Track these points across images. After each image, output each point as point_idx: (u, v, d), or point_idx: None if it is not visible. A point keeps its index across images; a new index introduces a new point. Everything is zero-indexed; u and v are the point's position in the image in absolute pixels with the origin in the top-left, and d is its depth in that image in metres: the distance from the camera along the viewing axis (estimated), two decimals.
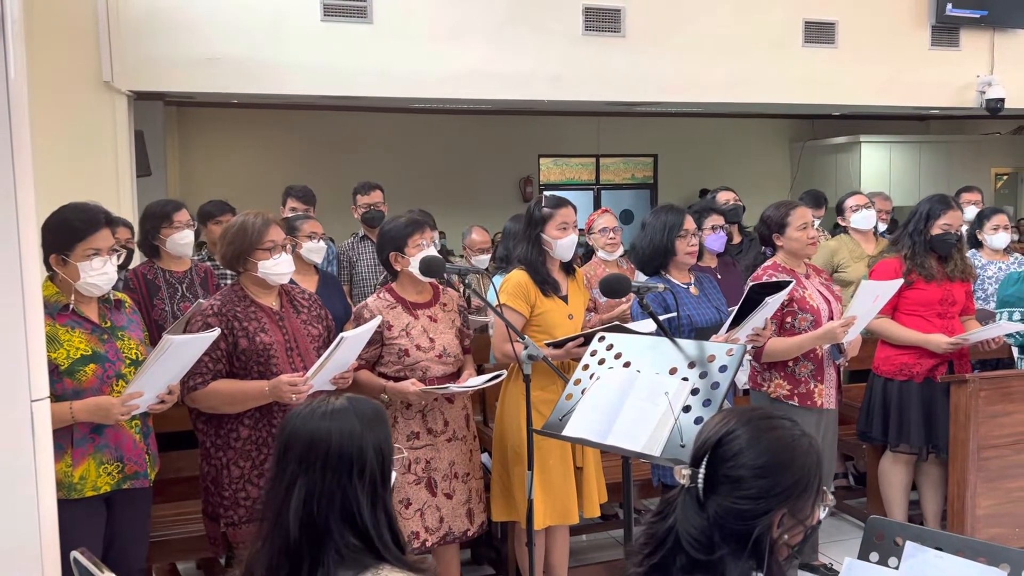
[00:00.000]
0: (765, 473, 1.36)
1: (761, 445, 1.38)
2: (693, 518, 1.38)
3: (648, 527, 1.45)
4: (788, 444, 1.39)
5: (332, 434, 1.57)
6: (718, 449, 1.40)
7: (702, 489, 1.39)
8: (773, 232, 3.53)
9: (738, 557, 1.36)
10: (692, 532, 1.37)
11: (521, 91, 6.91)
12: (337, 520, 1.54)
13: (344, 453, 1.56)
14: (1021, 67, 8.04)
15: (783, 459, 1.38)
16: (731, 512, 1.36)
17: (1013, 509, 3.76)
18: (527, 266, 3.17)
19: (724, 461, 1.39)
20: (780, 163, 14.60)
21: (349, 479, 1.55)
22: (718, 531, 1.36)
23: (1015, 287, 4.05)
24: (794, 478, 1.37)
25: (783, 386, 3.50)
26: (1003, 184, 14.87)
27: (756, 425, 1.40)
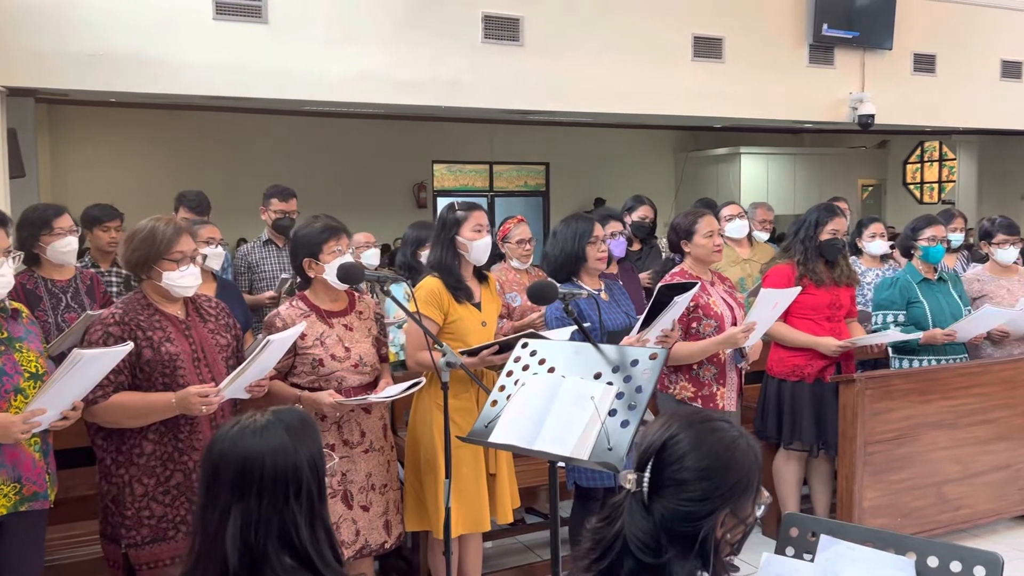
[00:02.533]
0: (709, 475, 1.40)
1: (704, 448, 1.42)
2: (640, 522, 1.40)
3: (594, 532, 1.47)
4: (729, 446, 1.43)
5: (265, 456, 1.51)
6: (662, 453, 1.43)
7: (647, 493, 1.42)
8: (681, 239, 3.64)
9: (685, 558, 1.39)
10: (639, 536, 1.39)
11: (419, 97, 6.87)
12: (275, 543, 1.49)
13: (279, 475, 1.51)
14: (888, 85, 8.60)
15: (725, 460, 1.42)
16: (677, 514, 1.39)
17: (896, 500, 4.01)
18: (441, 271, 3.15)
19: (668, 465, 1.42)
20: (665, 172, 15.10)
21: (286, 502, 1.50)
22: (665, 533, 1.39)
23: (888, 291, 4.33)
24: (736, 478, 1.42)
25: (688, 388, 3.62)
26: (868, 195, 15.85)
27: (698, 429, 1.44)
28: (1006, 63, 9.29)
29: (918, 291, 4.26)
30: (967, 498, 4.18)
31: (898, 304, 4.27)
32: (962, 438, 4.15)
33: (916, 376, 4.09)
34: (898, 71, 8.71)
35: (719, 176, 14.24)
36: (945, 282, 4.36)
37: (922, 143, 15.49)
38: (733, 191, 13.21)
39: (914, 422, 4.03)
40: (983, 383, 4.19)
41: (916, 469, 4.05)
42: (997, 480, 4.26)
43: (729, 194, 12.85)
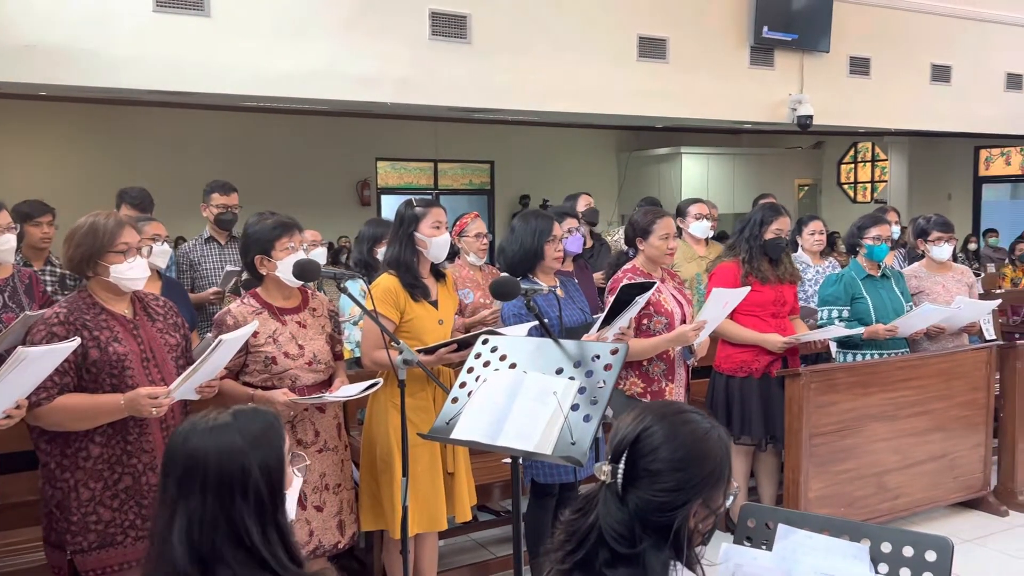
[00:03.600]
0: (682, 466, 1.42)
1: (677, 439, 1.43)
2: (615, 512, 1.42)
3: (568, 524, 1.47)
4: (702, 437, 1.46)
5: (210, 454, 1.49)
6: (636, 445, 1.44)
7: (622, 484, 1.43)
8: (637, 236, 3.68)
9: (659, 549, 1.40)
10: (615, 526, 1.41)
11: (366, 93, 6.80)
12: (226, 544, 1.47)
13: (224, 474, 1.48)
14: (825, 87, 8.83)
15: (698, 452, 1.44)
16: (651, 504, 1.41)
17: (840, 490, 4.12)
18: (398, 269, 3.12)
19: (643, 456, 1.43)
20: (608, 172, 15.26)
21: (232, 501, 1.48)
22: (639, 524, 1.41)
23: (834, 287, 4.44)
24: (708, 469, 1.44)
25: (637, 384, 3.66)
26: (804, 194, 16.26)
27: (671, 420, 1.46)
28: (936, 67, 9.63)
29: (862, 287, 4.38)
30: (906, 487, 4.32)
31: (843, 300, 4.38)
32: (901, 429, 4.28)
33: (858, 370, 4.20)
34: (835, 73, 8.96)
35: (661, 175, 14.45)
36: (888, 279, 4.49)
37: (855, 144, 15.95)
38: (674, 190, 13.42)
39: (856, 414, 4.15)
40: (921, 376, 4.33)
41: (858, 460, 4.16)
42: (934, 469, 4.41)
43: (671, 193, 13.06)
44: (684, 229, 5.30)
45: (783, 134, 14.13)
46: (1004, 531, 4.38)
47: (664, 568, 1.40)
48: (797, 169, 16.12)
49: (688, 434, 1.45)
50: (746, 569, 1.88)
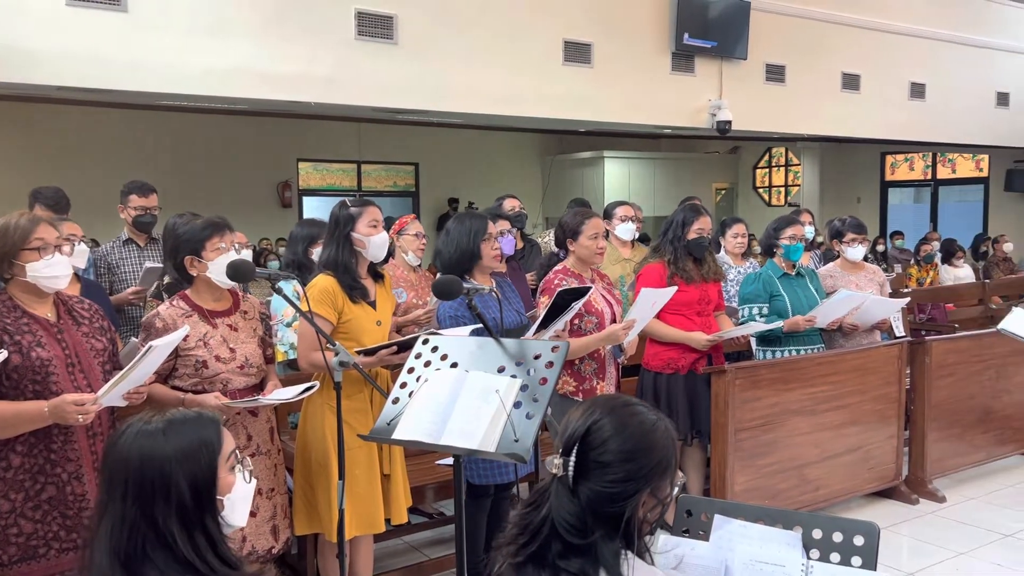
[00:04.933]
0: (631, 457, 1.46)
1: (626, 431, 1.48)
2: (567, 505, 1.45)
3: (521, 518, 1.50)
4: (650, 429, 1.50)
5: (132, 459, 1.49)
6: (587, 438, 1.48)
7: (573, 477, 1.46)
8: (567, 237, 3.73)
9: (610, 539, 1.44)
10: (567, 518, 1.44)
11: (289, 92, 6.69)
12: (154, 549, 1.47)
13: (146, 478, 1.48)
14: (743, 93, 9.10)
15: (646, 443, 1.48)
16: (602, 496, 1.44)
17: (764, 483, 4.26)
18: (336, 270, 3.09)
19: (593, 448, 1.47)
20: (532, 175, 15.37)
21: (153, 505, 1.47)
22: (591, 515, 1.44)
23: (753, 286, 4.60)
24: (656, 459, 1.48)
25: (569, 383, 3.71)
26: (722, 198, 16.72)
27: (620, 413, 1.50)
28: (846, 75, 10.03)
29: (779, 285, 4.54)
30: (825, 479, 4.50)
31: (762, 297, 4.53)
32: (820, 423, 4.45)
33: (780, 366, 4.35)
34: (752, 80, 9.24)
35: (584, 179, 14.64)
36: (803, 277, 4.67)
37: (770, 149, 16.49)
38: (597, 194, 13.61)
39: (778, 409, 4.29)
40: (838, 371, 4.51)
41: (781, 453, 4.31)
42: (850, 461, 4.60)
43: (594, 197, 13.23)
44: (610, 231, 5.39)
45: (701, 139, 14.49)
46: (915, 518, 4.60)
47: (616, 558, 1.44)
48: (715, 173, 16.56)
49: (636, 426, 1.49)
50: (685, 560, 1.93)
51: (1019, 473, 5.29)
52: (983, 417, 5.17)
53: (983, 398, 5.16)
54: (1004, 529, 4.40)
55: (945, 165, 15.04)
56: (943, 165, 15.06)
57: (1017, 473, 5.28)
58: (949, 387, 4.97)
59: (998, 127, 11.71)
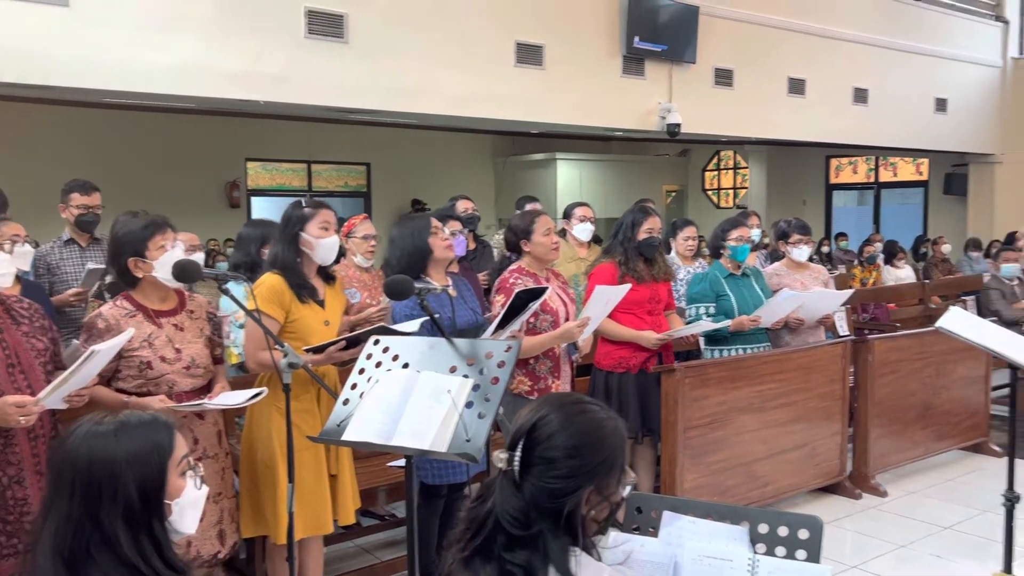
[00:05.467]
0: (575, 453, 1.47)
1: (572, 427, 1.48)
2: (511, 499, 1.45)
3: (468, 512, 1.50)
4: (597, 426, 1.51)
5: (80, 459, 1.48)
6: (533, 433, 1.48)
7: (518, 471, 1.47)
8: (520, 238, 3.74)
9: (555, 534, 1.45)
10: (510, 512, 1.44)
11: (238, 91, 6.59)
12: (98, 550, 1.45)
13: (94, 479, 1.46)
14: (692, 97, 9.23)
15: (592, 440, 1.49)
16: (545, 491, 1.45)
17: (712, 480, 4.33)
18: (283, 269, 3.06)
19: (538, 444, 1.47)
20: (485, 176, 15.38)
21: (99, 506, 1.46)
22: (534, 510, 1.45)
23: (700, 286, 4.67)
24: (601, 457, 1.49)
25: (524, 382, 3.72)
26: (672, 200, 16.92)
27: (568, 409, 1.51)
28: (792, 80, 10.24)
29: (725, 285, 4.62)
30: (773, 475, 4.58)
31: (709, 297, 4.61)
32: (767, 420, 4.54)
33: (728, 365, 4.43)
34: (701, 84, 9.37)
35: (536, 180, 14.68)
36: (749, 277, 4.75)
37: (719, 152, 16.74)
38: (550, 195, 13.67)
39: (727, 407, 4.36)
40: (784, 369, 4.60)
41: (729, 450, 4.38)
42: (797, 457, 4.69)
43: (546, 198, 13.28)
44: (569, 230, 5.43)
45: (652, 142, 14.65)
46: (859, 512, 4.72)
47: (563, 552, 1.45)
48: (665, 175, 16.76)
49: (584, 423, 1.50)
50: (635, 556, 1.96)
51: (957, 467, 5.45)
52: (923, 413, 5.32)
53: (923, 395, 5.31)
54: (943, 522, 4.53)
55: (887, 169, 15.45)
56: (885, 169, 15.46)
57: (955, 467, 5.45)
58: (891, 384, 5.10)
59: (937, 132, 12.07)
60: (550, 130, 10.86)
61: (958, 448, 5.65)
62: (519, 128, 11.51)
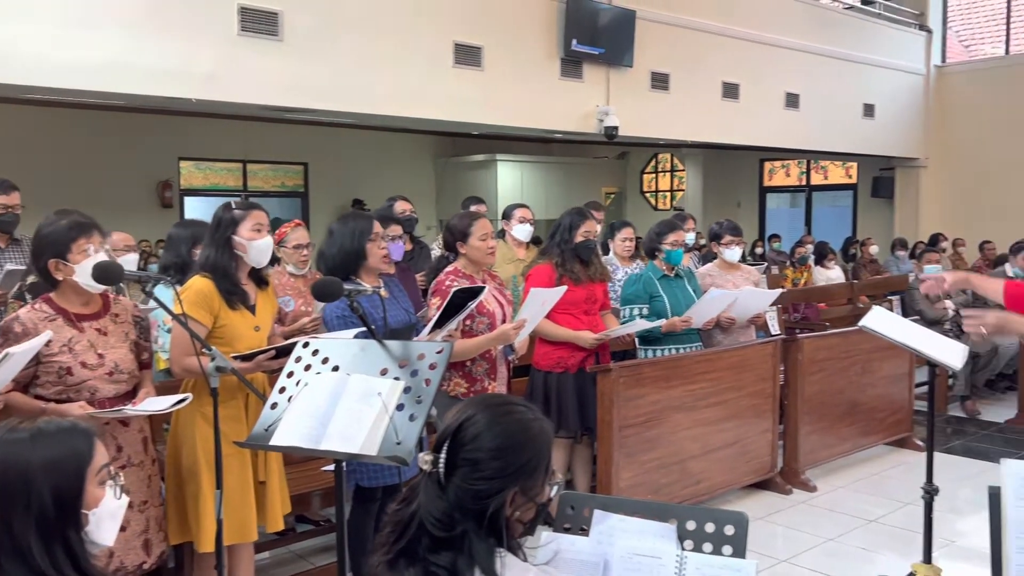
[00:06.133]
0: (500, 455, 1.46)
1: (498, 428, 1.48)
2: (435, 501, 1.45)
3: (393, 515, 1.49)
4: (523, 427, 1.51)
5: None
6: (458, 434, 1.48)
7: (443, 473, 1.46)
8: (457, 239, 3.73)
9: (480, 535, 1.44)
10: (434, 513, 1.44)
11: (169, 88, 6.44)
12: (9, 560, 1.41)
13: (6, 485, 1.42)
14: (629, 100, 9.34)
15: (517, 441, 1.49)
16: (469, 492, 1.45)
17: (647, 478, 4.38)
18: (214, 273, 2.98)
19: (463, 445, 1.47)
20: (425, 176, 15.31)
21: (12, 514, 1.41)
22: (458, 511, 1.44)
23: (634, 287, 4.73)
24: (526, 458, 1.49)
25: (461, 384, 3.71)
26: (611, 202, 17.10)
27: (494, 411, 1.51)
28: (726, 84, 10.44)
29: (659, 287, 4.68)
30: (706, 472, 4.66)
31: (643, 298, 4.66)
32: (700, 419, 4.61)
33: (662, 364, 4.49)
34: (637, 87, 9.49)
35: (477, 181, 14.68)
36: (682, 278, 4.82)
37: (656, 155, 16.98)
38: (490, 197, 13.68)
39: (661, 406, 4.42)
40: (716, 368, 4.69)
41: (663, 449, 4.44)
42: (729, 455, 4.78)
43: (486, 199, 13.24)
44: (508, 231, 5.44)
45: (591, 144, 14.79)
46: (789, 508, 4.83)
47: (489, 555, 1.44)
48: (604, 178, 16.93)
49: (509, 424, 1.49)
50: (565, 555, 1.97)
51: (882, 462, 5.63)
52: (850, 410, 5.47)
53: (850, 392, 5.47)
54: (868, 515, 4.67)
55: (818, 172, 15.87)
56: (816, 172, 15.89)
57: (880, 462, 5.62)
58: (819, 382, 5.24)
59: (865, 136, 12.46)
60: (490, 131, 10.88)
61: (883, 443, 5.83)
62: (459, 129, 11.50)
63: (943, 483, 4.60)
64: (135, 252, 4.69)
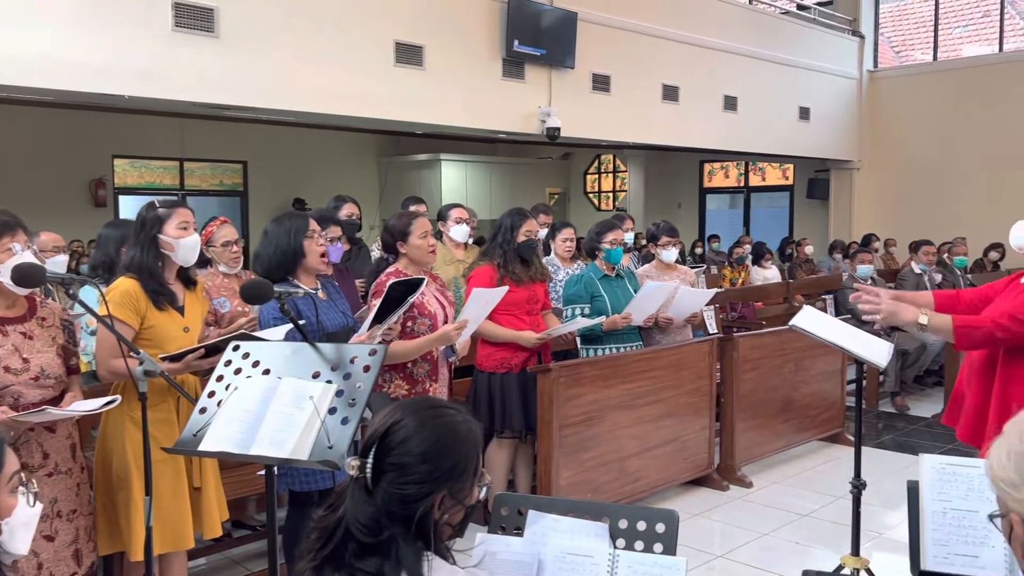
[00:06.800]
0: (428, 458, 1.45)
1: (425, 432, 1.47)
2: (362, 506, 1.43)
3: (319, 521, 1.47)
4: (451, 430, 1.50)
5: None
6: (385, 439, 1.46)
7: (370, 478, 1.45)
8: (396, 240, 3.70)
9: (407, 539, 1.44)
10: (361, 519, 1.42)
11: (100, 85, 6.27)
12: None
13: None
14: (571, 101, 9.40)
15: (445, 444, 1.48)
16: (396, 497, 1.44)
17: (587, 477, 4.42)
18: (140, 273, 2.91)
19: (391, 449, 1.45)
20: (369, 175, 15.19)
21: None
22: (386, 516, 1.43)
23: (575, 288, 4.77)
24: (454, 461, 1.49)
25: (402, 386, 3.69)
26: (555, 202, 17.20)
27: (422, 414, 1.50)
28: (666, 87, 10.58)
29: (600, 287, 4.73)
30: (644, 470, 4.72)
31: (584, 298, 4.70)
32: (639, 417, 4.67)
33: (601, 363, 4.53)
34: (579, 88, 9.56)
35: (421, 181, 14.62)
36: (623, 278, 4.88)
37: (599, 156, 17.13)
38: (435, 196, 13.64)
39: (600, 405, 4.46)
40: (655, 367, 4.75)
41: (603, 447, 4.48)
42: (667, 452, 4.85)
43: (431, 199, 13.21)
44: (445, 232, 5.42)
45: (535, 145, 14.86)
46: (726, 504, 4.92)
47: (416, 558, 1.44)
48: (549, 178, 17.02)
49: (437, 427, 1.49)
50: (499, 556, 1.97)
51: (816, 457, 5.77)
52: (784, 407, 5.60)
53: (784, 389, 5.60)
54: (802, 510, 4.79)
55: (756, 173, 16.20)
56: (755, 173, 16.21)
57: (814, 458, 5.77)
58: (754, 380, 5.35)
59: (801, 139, 12.76)
60: (433, 131, 10.83)
61: (817, 439, 5.98)
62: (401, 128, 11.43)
63: (873, 477, 4.76)
64: (64, 253, 4.56)
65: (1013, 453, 1.22)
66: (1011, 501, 1.21)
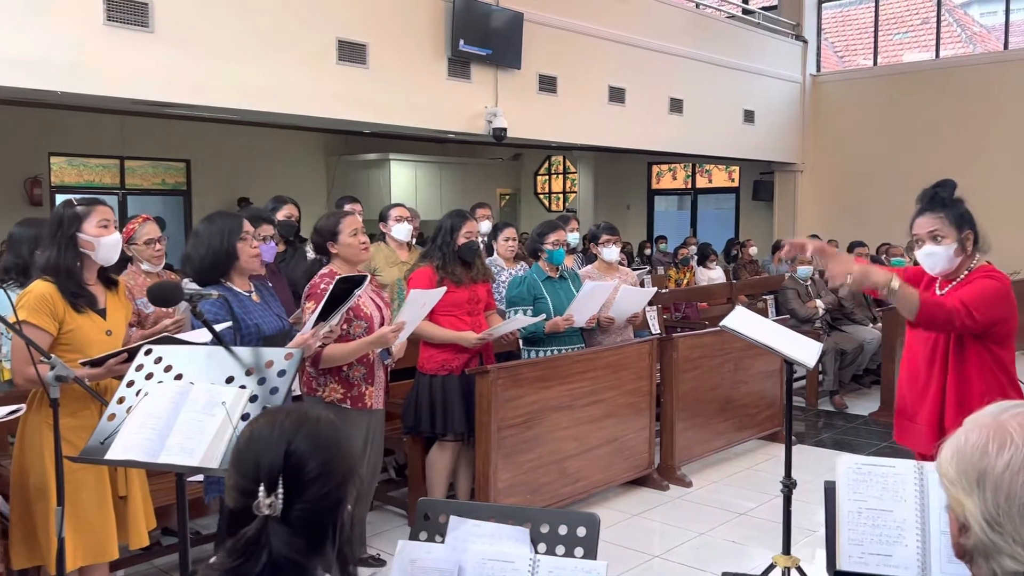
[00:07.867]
0: (328, 469, 1.39)
1: (319, 443, 1.40)
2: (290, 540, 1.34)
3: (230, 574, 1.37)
4: (333, 436, 1.42)
5: None
6: (288, 464, 1.37)
7: (283, 511, 1.36)
8: (327, 241, 3.64)
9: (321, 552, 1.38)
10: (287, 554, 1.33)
11: (30, 80, 6.06)
12: None
13: None
14: (518, 102, 9.39)
15: (336, 451, 1.42)
16: (311, 519, 1.36)
17: (526, 479, 4.39)
18: (56, 276, 2.81)
19: (297, 474, 1.37)
20: (316, 175, 15.00)
21: None
22: (304, 540, 1.36)
23: (518, 289, 4.74)
24: (347, 464, 1.43)
25: (337, 390, 3.62)
26: (506, 203, 17.19)
27: (308, 429, 1.41)
28: (612, 88, 10.63)
29: (543, 288, 4.71)
30: (584, 471, 4.71)
31: (527, 300, 4.68)
32: (579, 418, 4.66)
33: (541, 365, 4.51)
34: (526, 90, 9.55)
35: (370, 181, 14.49)
36: (566, 280, 4.87)
37: (549, 157, 17.16)
38: (383, 196, 13.54)
39: (539, 406, 4.44)
40: (594, 368, 4.75)
41: (542, 449, 4.46)
42: (607, 452, 4.86)
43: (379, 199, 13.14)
44: (387, 233, 5.36)
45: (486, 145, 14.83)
46: (666, 503, 4.94)
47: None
48: (499, 179, 17.00)
49: (324, 437, 1.40)
50: (420, 563, 1.94)
51: (755, 456, 5.83)
52: (724, 407, 5.65)
53: (724, 389, 5.64)
54: (740, 508, 4.82)
55: (703, 175, 16.39)
56: (701, 175, 16.40)
57: (752, 456, 5.83)
58: (694, 380, 5.38)
59: (746, 142, 12.93)
60: (382, 130, 10.72)
61: (757, 438, 6.04)
62: (345, 127, 11.30)
63: (811, 475, 4.82)
64: None
65: (957, 450, 1.23)
66: (950, 498, 1.23)
